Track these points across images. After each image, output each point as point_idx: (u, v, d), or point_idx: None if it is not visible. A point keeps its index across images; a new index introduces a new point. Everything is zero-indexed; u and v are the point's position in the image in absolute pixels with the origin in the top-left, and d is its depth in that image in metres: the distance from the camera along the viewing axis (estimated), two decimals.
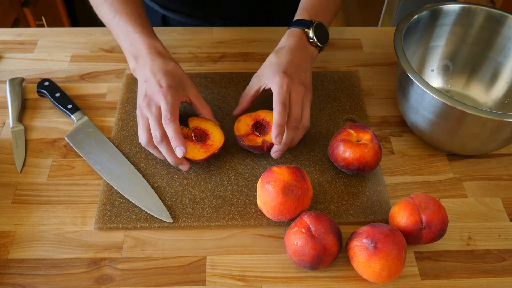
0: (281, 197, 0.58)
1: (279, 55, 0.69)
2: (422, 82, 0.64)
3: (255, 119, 0.70)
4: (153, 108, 0.64)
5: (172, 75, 0.66)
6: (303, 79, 0.68)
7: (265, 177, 0.61)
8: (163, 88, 0.64)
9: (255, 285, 0.59)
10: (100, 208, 0.64)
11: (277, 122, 0.63)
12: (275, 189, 0.59)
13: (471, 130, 0.64)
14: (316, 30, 0.71)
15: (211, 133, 0.68)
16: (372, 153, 0.65)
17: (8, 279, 0.58)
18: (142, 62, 0.67)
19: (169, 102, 0.63)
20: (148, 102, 0.64)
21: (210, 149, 0.66)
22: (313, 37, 0.70)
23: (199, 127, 0.68)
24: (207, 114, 0.70)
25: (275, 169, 0.61)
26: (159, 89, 0.64)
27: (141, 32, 0.69)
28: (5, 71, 0.83)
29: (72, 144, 0.71)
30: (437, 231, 0.58)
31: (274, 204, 0.59)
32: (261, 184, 0.61)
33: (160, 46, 0.69)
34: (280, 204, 0.59)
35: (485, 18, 0.76)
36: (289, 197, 0.59)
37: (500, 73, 0.78)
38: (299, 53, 0.70)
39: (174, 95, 0.64)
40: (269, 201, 0.59)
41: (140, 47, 0.68)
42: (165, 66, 0.66)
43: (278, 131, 0.63)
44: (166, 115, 0.62)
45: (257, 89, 0.70)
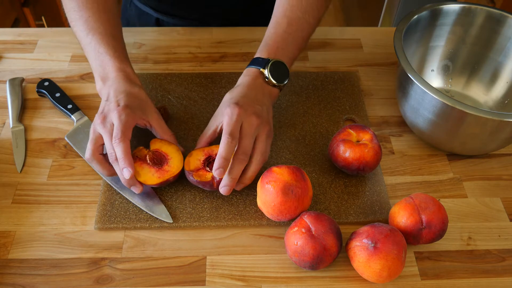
0: (281, 197, 0.59)
1: (233, 92, 0.66)
2: (422, 82, 0.64)
3: (207, 154, 0.66)
4: (108, 125, 0.62)
5: (133, 97, 0.65)
6: (258, 111, 0.64)
7: (265, 177, 0.61)
8: (120, 107, 0.63)
9: (255, 285, 0.59)
10: (100, 208, 0.64)
11: (221, 155, 0.59)
12: (275, 189, 0.59)
13: (471, 130, 0.64)
14: (272, 69, 0.67)
15: (171, 159, 0.65)
16: (372, 153, 0.65)
17: (8, 279, 0.58)
18: (108, 84, 0.67)
19: (122, 121, 0.62)
20: (102, 118, 0.63)
21: (165, 175, 0.63)
22: (269, 76, 0.67)
23: (160, 150, 0.66)
24: (169, 139, 0.67)
25: (275, 169, 0.61)
26: (115, 107, 0.63)
27: (112, 55, 0.68)
28: (5, 71, 0.83)
29: (72, 144, 0.71)
30: (437, 231, 0.58)
31: (274, 204, 0.59)
32: (261, 184, 0.61)
33: (130, 70, 0.69)
34: (280, 204, 0.59)
35: (485, 18, 0.76)
36: (289, 197, 0.59)
37: (500, 73, 0.78)
38: (254, 89, 0.67)
39: (129, 115, 0.63)
40: (269, 201, 0.59)
41: (109, 69, 0.67)
42: (129, 88, 0.66)
43: (220, 163, 0.59)
44: (117, 134, 0.61)
45: (214, 129, 0.66)
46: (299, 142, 0.73)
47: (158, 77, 0.82)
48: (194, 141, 0.72)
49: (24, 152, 0.71)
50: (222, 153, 0.60)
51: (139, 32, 0.92)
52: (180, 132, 0.74)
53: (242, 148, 0.62)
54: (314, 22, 0.74)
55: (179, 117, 0.76)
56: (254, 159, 0.63)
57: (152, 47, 0.89)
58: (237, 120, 0.62)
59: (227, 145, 0.60)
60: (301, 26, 0.72)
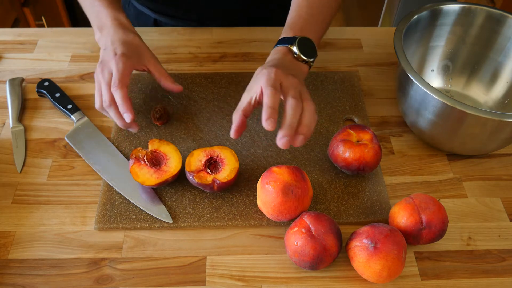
0: (281, 197, 0.58)
1: (265, 66, 0.64)
2: (422, 82, 0.64)
3: (209, 155, 0.65)
4: (106, 73, 0.67)
5: (129, 44, 0.70)
6: (295, 74, 0.63)
7: (265, 177, 0.61)
8: (117, 55, 0.67)
9: (255, 285, 0.59)
10: (100, 208, 0.64)
11: (267, 104, 0.56)
12: (275, 189, 0.59)
13: (471, 130, 0.64)
14: (300, 46, 0.67)
15: (169, 159, 0.65)
16: (372, 153, 0.65)
17: (8, 279, 0.58)
18: (105, 32, 0.71)
19: (119, 69, 0.66)
20: (102, 68, 0.68)
21: (164, 176, 0.64)
22: (298, 52, 0.66)
23: (158, 150, 0.66)
24: (165, 82, 0.71)
25: (275, 169, 0.61)
26: (113, 56, 0.67)
27: (107, 6, 0.73)
28: (5, 71, 0.83)
29: (72, 144, 0.71)
30: (437, 231, 0.58)
31: (274, 204, 0.59)
32: (261, 184, 0.61)
33: (124, 18, 0.73)
34: (280, 204, 0.59)
35: (485, 18, 0.76)
36: (289, 197, 0.59)
37: (500, 73, 0.78)
38: (286, 64, 0.66)
39: (126, 63, 0.67)
40: (269, 201, 0.59)
41: (105, 19, 0.72)
42: (124, 36, 0.70)
43: (268, 113, 0.56)
44: (115, 81, 0.66)
45: (249, 101, 0.62)
46: None
47: None
48: (194, 141, 0.72)
49: (24, 152, 0.71)
50: (268, 103, 0.56)
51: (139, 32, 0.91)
52: (180, 132, 0.74)
53: (292, 95, 0.58)
54: (335, 5, 0.74)
55: (179, 117, 0.76)
56: (307, 105, 0.59)
57: (152, 47, 0.88)
58: (276, 78, 0.59)
59: (272, 94, 0.57)
60: (322, 8, 0.72)
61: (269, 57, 0.68)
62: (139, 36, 0.73)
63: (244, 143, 0.73)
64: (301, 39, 0.67)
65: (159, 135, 0.73)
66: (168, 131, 0.74)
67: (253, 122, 0.75)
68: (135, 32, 0.73)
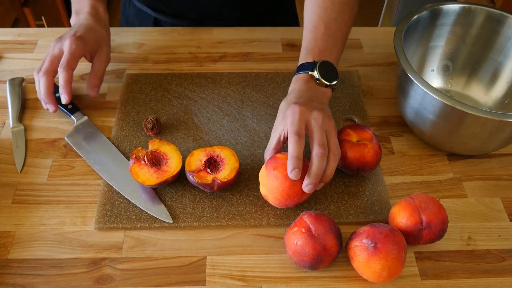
0: (289, 181, 0.59)
1: (288, 98, 0.65)
2: (422, 82, 0.64)
3: (209, 155, 0.65)
4: (57, 48, 0.71)
5: (92, 31, 0.73)
6: (319, 107, 0.62)
7: (270, 163, 0.61)
8: (74, 36, 0.70)
9: (255, 285, 0.59)
10: (100, 208, 0.64)
11: (292, 155, 0.57)
12: (283, 174, 0.59)
13: (471, 130, 0.64)
14: (321, 70, 0.66)
15: (170, 158, 0.65)
16: (372, 153, 0.65)
17: (8, 279, 0.58)
18: (79, 17, 0.75)
19: (71, 51, 0.69)
20: (56, 41, 0.71)
21: (164, 176, 0.64)
22: (319, 77, 0.66)
23: (158, 150, 0.66)
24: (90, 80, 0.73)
25: (279, 155, 0.61)
26: (70, 36, 0.71)
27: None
28: (5, 71, 0.83)
29: (72, 144, 0.71)
30: (437, 231, 0.58)
31: (282, 188, 0.59)
32: (266, 171, 0.61)
33: (102, 9, 0.77)
34: (288, 188, 0.59)
35: (485, 18, 0.76)
36: (296, 180, 0.59)
37: (500, 73, 0.78)
38: (308, 92, 0.65)
39: (79, 46, 0.70)
40: (277, 186, 0.59)
41: (84, 5, 0.76)
42: (92, 23, 0.74)
43: (294, 164, 0.57)
44: (63, 62, 0.69)
45: (278, 139, 0.63)
46: None
47: (158, 77, 0.82)
48: (194, 141, 0.72)
49: (24, 152, 0.71)
50: (293, 153, 0.58)
51: (139, 32, 0.92)
52: (180, 132, 0.74)
53: (318, 141, 0.59)
54: (349, 21, 0.73)
55: (179, 117, 0.76)
56: (332, 154, 0.60)
57: (152, 47, 0.89)
58: (300, 118, 0.60)
59: (296, 144, 0.58)
60: (338, 26, 0.71)
61: (291, 87, 0.68)
62: (107, 31, 0.76)
63: (244, 143, 0.73)
64: (321, 63, 0.67)
65: (159, 135, 0.73)
66: (168, 131, 0.74)
67: (253, 122, 0.75)
68: (106, 25, 0.77)
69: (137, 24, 1.01)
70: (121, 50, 0.88)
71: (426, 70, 0.82)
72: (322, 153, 0.58)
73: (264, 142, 0.73)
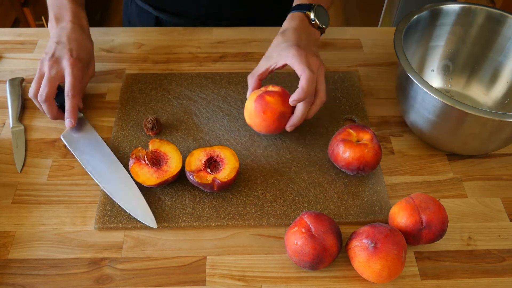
0: (277, 123, 0.68)
1: (285, 35, 0.70)
2: (422, 82, 0.64)
3: (209, 155, 0.66)
4: (54, 70, 0.69)
5: (84, 50, 0.71)
6: (316, 52, 0.69)
7: (260, 105, 0.67)
8: (72, 58, 0.69)
9: (255, 285, 0.59)
10: (100, 208, 0.64)
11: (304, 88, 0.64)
12: (272, 118, 0.67)
13: (471, 130, 0.64)
14: (317, 12, 0.72)
15: (170, 158, 0.65)
16: (372, 153, 0.65)
17: (8, 279, 0.58)
18: (62, 25, 0.73)
19: (75, 76, 0.69)
20: (52, 62, 0.69)
21: (164, 175, 0.64)
22: (315, 19, 0.71)
23: (158, 150, 0.66)
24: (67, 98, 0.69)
25: (268, 98, 0.67)
26: (68, 58, 0.69)
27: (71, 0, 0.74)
28: (5, 71, 0.83)
29: (67, 144, 0.71)
30: (437, 231, 0.58)
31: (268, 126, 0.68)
32: (256, 112, 0.67)
33: (84, 18, 0.74)
34: (274, 127, 0.69)
35: (485, 18, 0.76)
36: (283, 121, 0.68)
37: (500, 73, 0.78)
38: (304, 33, 0.71)
39: (81, 70, 0.69)
40: (264, 125, 0.68)
41: (65, 12, 0.73)
42: (81, 39, 0.72)
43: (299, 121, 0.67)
44: (70, 89, 0.68)
45: (267, 68, 0.69)
46: (299, 142, 0.73)
47: (158, 77, 0.82)
48: (194, 140, 0.72)
49: (24, 152, 0.71)
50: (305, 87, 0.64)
51: (139, 32, 0.92)
52: (180, 132, 0.74)
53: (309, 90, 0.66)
54: None
55: (179, 117, 0.76)
56: (318, 99, 0.68)
57: (152, 47, 0.89)
58: (306, 61, 0.65)
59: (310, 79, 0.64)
60: None
61: (285, 23, 0.72)
62: (92, 43, 0.75)
63: (244, 143, 0.73)
64: (317, 6, 0.72)
65: (159, 135, 0.73)
66: (168, 131, 0.74)
67: None
68: (89, 36, 0.75)
69: (138, 24, 1.01)
70: (121, 50, 0.88)
71: (426, 70, 0.82)
72: (309, 101, 0.67)
73: (264, 142, 0.73)
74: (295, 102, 0.65)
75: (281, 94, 0.67)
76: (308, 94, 0.65)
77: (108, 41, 0.89)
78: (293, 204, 0.66)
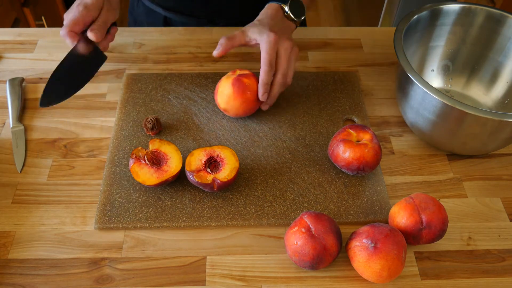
0: (256, 104, 0.73)
1: (261, 21, 0.74)
2: (422, 82, 0.64)
3: (209, 155, 0.66)
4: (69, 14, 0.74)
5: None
6: (289, 36, 0.74)
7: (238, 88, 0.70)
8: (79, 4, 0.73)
9: (255, 285, 0.59)
10: (100, 208, 0.64)
11: (263, 81, 0.70)
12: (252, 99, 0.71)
13: (471, 130, 0.64)
14: (291, 6, 0.75)
15: (170, 158, 0.65)
16: (372, 153, 0.65)
17: (8, 279, 0.58)
18: None
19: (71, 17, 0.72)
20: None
21: (164, 175, 0.64)
22: (288, 11, 0.75)
23: (158, 150, 0.66)
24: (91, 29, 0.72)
25: (246, 80, 0.71)
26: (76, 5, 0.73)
27: None
28: (5, 71, 0.83)
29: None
30: (437, 231, 0.58)
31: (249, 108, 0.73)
32: (234, 94, 0.70)
33: None
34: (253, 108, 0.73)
35: (485, 18, 0.76)
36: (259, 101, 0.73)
37: (500, 73, 0.78)
38: (279, 21, 0.75)
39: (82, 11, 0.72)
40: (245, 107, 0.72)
41: None
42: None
43: (264, 89, 0.70)
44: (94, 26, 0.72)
45: (241, 39, 0.73)
46: (299, 142, 0.73)
47: (158, 77, 0.82)
48: (194, 140, 0.72)
49: (24, 152, 0.71)
50: (264, 80, 0.70)
51: (139, 32, 0.92)
52: (180, 132, 0.74)
53: (282, 72, 0.72)
54: None
55: (179, 117, 0.76)
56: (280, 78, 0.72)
57: (152, 47, 0.89)
58: (274, 47, 0.70)
59: (267, 73, 0.70)
60: None
61: (261, 13, 0.76)
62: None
63: (244, 143, 0.73)
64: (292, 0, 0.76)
65: (159, 135, 0.73)
66: (168, 131, 0.74)
67: (253, 122, 0.75)
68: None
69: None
70: (121, 50, 0.88)
71: (426, 70, 0.82)
72: (282, 83, 0.72)
73: (264, 142, 0.73)
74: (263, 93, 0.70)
75: (254, 75, 0.72)
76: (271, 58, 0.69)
77: None
78: (293, 204, 0.66)
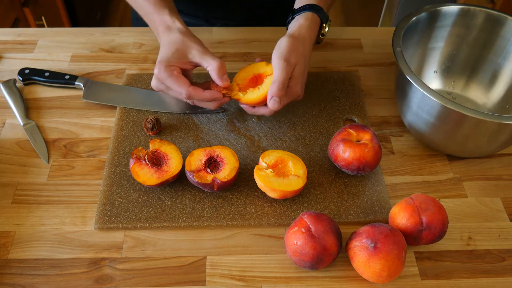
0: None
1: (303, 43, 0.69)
2: (420, 84, 0.64)
3: (209, 155, 0.66)
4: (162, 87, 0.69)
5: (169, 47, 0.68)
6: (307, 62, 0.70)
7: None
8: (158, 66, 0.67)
9: (255, 285, 0.59)
10: (100, 208, 0.64)
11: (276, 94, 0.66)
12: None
13: (469, 132, 0.64)
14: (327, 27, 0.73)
15: (170, 159, 0.65)
16: (372, 153, 0.65)
17: (8, 279, 0.58)
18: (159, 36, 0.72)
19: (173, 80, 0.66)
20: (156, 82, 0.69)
21: (164, 176, 0.64)
22: (325, 34, 0.73)
23: (159, 150, 0.66)
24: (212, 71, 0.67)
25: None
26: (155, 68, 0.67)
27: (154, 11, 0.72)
28: (5, 71, 0.83)
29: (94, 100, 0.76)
30: (437, 232, 0.58)
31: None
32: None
33: (168, 17, 0.71)
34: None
35: (484, 19, 0.76)
36: None
37: (499, 75, 0.78)
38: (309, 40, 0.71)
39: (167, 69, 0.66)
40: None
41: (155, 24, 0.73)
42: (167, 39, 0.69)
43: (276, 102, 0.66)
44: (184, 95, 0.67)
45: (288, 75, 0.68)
46: (299, 142, 0.73)
47: None
48: (194, 141, 0.72)
49: (44, 145, 0.71)
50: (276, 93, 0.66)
51: (139, 32, 0.92)
52: (180, 132, 0.74)
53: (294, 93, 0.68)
54: None
55: (179, 117, 0.76)
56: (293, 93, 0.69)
57: (152, 47, 0.89)
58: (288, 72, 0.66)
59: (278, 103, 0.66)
60: None
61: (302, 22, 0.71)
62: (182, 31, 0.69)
63: (244, 143, 0.73)
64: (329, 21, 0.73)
65: (159, 135, 0.73)
66: (168, 131, 0.74)
67: (253, 122, 0.75)
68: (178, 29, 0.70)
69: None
70: (121, 50, 0.88)
71: (425, 72, 0.82)
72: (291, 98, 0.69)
73: (264, 142, 0.73)
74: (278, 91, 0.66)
75: None
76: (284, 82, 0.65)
77: (108, 41, 0.89)
78: (293, 204, 0.66)
